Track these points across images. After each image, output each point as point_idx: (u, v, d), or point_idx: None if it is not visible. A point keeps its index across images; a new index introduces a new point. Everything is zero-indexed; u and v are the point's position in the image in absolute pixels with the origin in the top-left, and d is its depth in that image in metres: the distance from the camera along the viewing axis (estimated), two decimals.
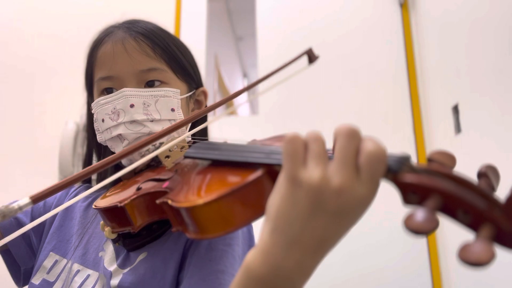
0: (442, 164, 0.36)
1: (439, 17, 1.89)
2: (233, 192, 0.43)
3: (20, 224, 0.75)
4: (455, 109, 1.69)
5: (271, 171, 0.43)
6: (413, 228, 0.31)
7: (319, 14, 2.24)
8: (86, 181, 0.85)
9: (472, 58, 1.55)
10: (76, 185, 0.84)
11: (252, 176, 0.43)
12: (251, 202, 0.43)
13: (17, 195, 0.81)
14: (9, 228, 0.73)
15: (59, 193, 0.81)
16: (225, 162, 0.50)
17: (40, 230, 0.78)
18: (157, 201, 0.53)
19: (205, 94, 0.81)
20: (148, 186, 0.60)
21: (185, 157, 0.60)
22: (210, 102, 0.78)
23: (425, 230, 0.30)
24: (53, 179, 0.87)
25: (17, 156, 2.05)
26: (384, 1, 2.21)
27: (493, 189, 0.35)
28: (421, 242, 1.85)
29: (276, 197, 0.39)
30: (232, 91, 4.26)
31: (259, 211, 0.43)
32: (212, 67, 3.07)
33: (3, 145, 2.07)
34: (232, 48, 4.22)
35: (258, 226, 0.46)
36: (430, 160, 0.37)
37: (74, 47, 0.78)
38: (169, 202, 0.49)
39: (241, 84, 4.96)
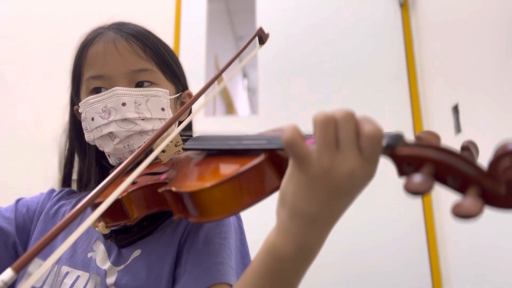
0: (429, 140, 0.41)
1: (439, 17, 1.89)
2: (238, 175, 0.46)
3: (3, 232, 0.72)
4: (455, 109, 1.69)
5: (273, 156, 0.47)
6: (412, 189, 0.35)
7: (319, 14, 2.23)
8: (67, 185, 0.84)
9: (472, 58, 1.55)
10: (57, 189, 0.83)
11: (256, 160, 0.46)
12: (254, 185, 0.47)
13: (16, 195, 0.81)
14: None
15: (41, 198, 0.80)
16: (222, 152, 0.53)
17: (24, 238, 0.75)
18: (159, 190, 0.54)
19: (190, 96, 0.82)
20: (144, 179, 0.60)
21: (185, 149, 0.61)
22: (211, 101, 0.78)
23: (422, 190, 0.34)
24: (53, 179, 0.87)
25: (17, 155, 2.05)
26: (384, 1, 2.21)
27: (474, 159, 0.39)
28: (421, 239, 1.85)
29: (290, 185, 0.42)
30: (233, 91, 4.26)
31: (260, 194, 0.47)
32: (212, 67, 3.07)
33: (3, 144, 2.07)
34: (232, 48, 4.22)
35: (251, 221, 0.47)
36: (418, 137, 0.42)
37: (74, 46, 0.78)
38: (173, 189, 0.51)
39: (241, 84, 4.97)
